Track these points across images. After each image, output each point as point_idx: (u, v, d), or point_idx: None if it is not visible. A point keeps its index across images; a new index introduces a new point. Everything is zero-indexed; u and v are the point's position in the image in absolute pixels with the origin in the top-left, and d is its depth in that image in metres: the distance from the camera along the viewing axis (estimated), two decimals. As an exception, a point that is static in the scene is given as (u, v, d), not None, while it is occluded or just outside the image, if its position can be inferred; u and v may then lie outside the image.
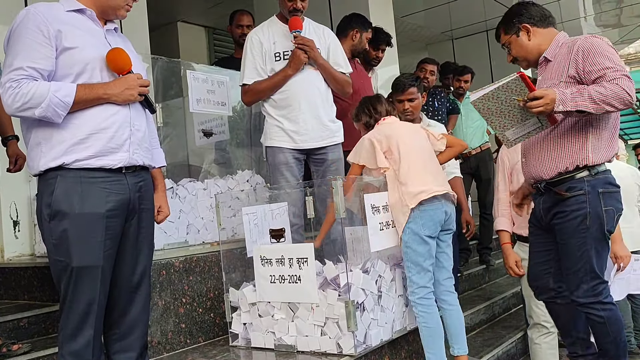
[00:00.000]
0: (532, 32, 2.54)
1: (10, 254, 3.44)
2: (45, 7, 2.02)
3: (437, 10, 7.71)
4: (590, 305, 2.48)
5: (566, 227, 2.47)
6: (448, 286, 2.78)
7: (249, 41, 3.22)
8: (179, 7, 6.89)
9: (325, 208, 3.06)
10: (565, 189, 2.45)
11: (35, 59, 1.93)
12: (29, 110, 1.92)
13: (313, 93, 3.13)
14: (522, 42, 2.56)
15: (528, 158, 2.60)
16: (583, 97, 2.24)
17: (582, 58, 2.35)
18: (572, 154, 2.43)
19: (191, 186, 3.40)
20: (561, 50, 2.48)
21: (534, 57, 2.57)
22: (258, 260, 2.69)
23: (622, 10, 8.75)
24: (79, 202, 1.97)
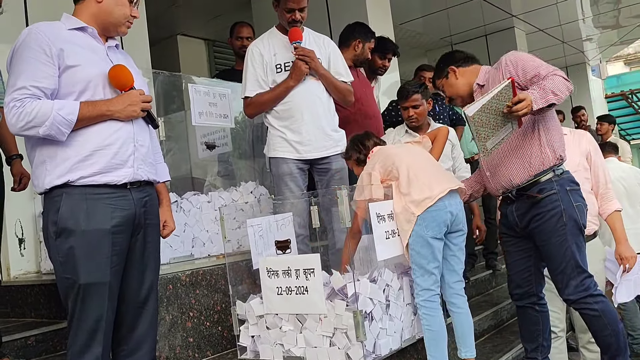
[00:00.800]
0: (458, 72, 2.82)
1: (16, 272, 3.44)
2: (47, 26, 2.03)
3: (435, 17, 7.75)
4: (583, 301, 2.59)
5: (545, 228, 2.61)
6: (458, 289, 2.76)
7: (250, 53, 3.23)
8: (179, 20, 6.94)
9: (330, 217, 3.06)
10: (537, 191, 2.61)
11: (38, 78, 1.94)
12: (33, 129, 1.92)
13: (315, 103, 3.14)
14: (451, 82, 2.84)
15: (494, 171, 2.74)
16: (546, 92, 2.42)
17: (513, 67, 2.61)
18: (536, 156, 2.60)
19: (195, 199, 3.40)
20: (490, 74, 2.75)
21: (466, 92, 2.82)
22: (264, 272, 2.68)
23: (620, 11, 8.78)
24: (85, 219, 1.97)
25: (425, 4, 7.33)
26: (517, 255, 2.80)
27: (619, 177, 3.70)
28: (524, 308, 2.85)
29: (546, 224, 2.60)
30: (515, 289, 2.85)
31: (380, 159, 2.75)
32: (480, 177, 2.93)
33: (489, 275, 5.14)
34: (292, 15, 3.12)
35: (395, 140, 3.63)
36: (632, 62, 20.98)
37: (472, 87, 2.80)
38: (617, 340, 2.59)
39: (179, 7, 6.48)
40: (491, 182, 2.78)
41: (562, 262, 2.60)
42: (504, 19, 8.18)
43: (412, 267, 2.64)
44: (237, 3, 6.45)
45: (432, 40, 8.87)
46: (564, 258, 2.59)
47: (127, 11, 2.16)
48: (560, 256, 2.60)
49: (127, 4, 2.15)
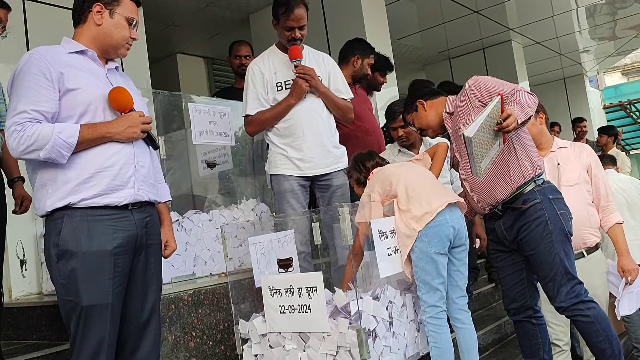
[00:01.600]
0: (426, 105, 2.90)
1: (17, 294, 3.43)
2: (47, 50, 2.05)
3: (433, 31, 7.80)
4: (574, 307, 2.61)
5: (532, 237, 2.65)
6: (461, 304, 2.74)
7: (250, 72, 3.24)
8: (178, 39, 6.98)
9: (332, 234, 3.06)
10: (522, 202, 2.66)
11: (38, 101, 1.95)
12: (33, 152, 1.93)
13: (316, 120, 3.15)
14: (421, 115, 2.92)
15: (477, 190, 2.77)
16: (523, 106, 2.48)
17: (477, 89, 2.70)
18: (515, 169, 2.66)
19: (196, 218, 3.40)
20: (457, 101, 2.82)
21: (435, 122, 2.90)
22: (267, 290, 2.67)
23: (616, 23, 8.85)
24: (87, 240, 1.97)
25: (423, 19, 7.39)
26: (509, 270, 2.83)
27: (618, 189, 3.70)
28: (521, 322, 2.86)
29: (532, 232, 2.64)
30: (511, 304, 2.86)
31: (379, 181, 2.77)
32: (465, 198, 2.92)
33: (491, 288, 5.12)
34: (292, 34, 3.14)
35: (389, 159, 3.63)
36: (629, 72, 21.04)
37: (442, 116, 2.88)
38: (610, 346, 2.60)
39: (177, 26, 6.53)
40: (476, 201, 2.81)
41: (551, 269, 2.63)
42: (501, 32, 8.23)
43: (417, 284, 2.63)
44: (235, 21, 6.50)
45: (430, 55, 8.93)
46: (553, 265, 2.62)
47: (127, 33, 2.17)
48: (549, 264, 2.63)
49: (127, 26, 2.17)
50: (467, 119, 2.69)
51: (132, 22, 2.19)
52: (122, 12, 2.15)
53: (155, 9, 5.79)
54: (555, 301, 2.65)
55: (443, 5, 6.85)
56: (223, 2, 6.05)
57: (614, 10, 8.26)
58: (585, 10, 8.03)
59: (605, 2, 7.81)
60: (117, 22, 2.14)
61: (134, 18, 2.19)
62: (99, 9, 2.12)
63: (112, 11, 2.14)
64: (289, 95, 3.10)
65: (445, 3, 6.79)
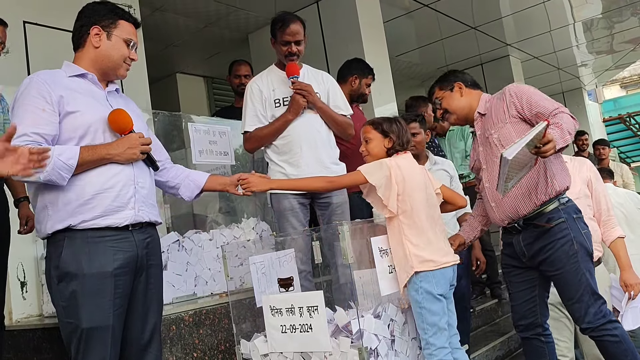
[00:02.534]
0: (464, 91, 2.82)
1: (18, 316, 3.41)
2: (48, 74, 2.07)
3: (431, 48, 7.85)
4: (603, 327, 2.53)
5: (558, 257, 2.57)
6: (455, 343, 2.66)
7: (249, 90, 3.26)
8: (177, 59, 7.03)
9: (332, 252, 3.04)
10: (545, 220, 2.58)
11: (39, 124, 1.97)
12: (34, 175, 1.94)
13: (314, 137, 3.15)
14: (454, 97, 2.83)
15: (499, 202, 2.70)
16: (564, 132, 2.40)
17: (518, 99, 2.61)
18: (541, 185, 2.58)
19: (197, 238, 3.40)
20: (492, 103, 2.75)
21: (464, 112, 2.83)
22: (268, 310, 2.66)
23: (613, 37, 8.90)
24: (87, 262, 1.98)
25: (421, 35, 7.44)
26: (522, 286, 2.77)
27: (616, 203, 3.70)
28: (530, 339, 2.81)
29: (558, 252, 2.57)
30: (520, 320, 2.81)
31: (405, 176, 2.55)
32: (483, 208, 2.90)
33: (494, 304, 5.09)
34: (289, 48, 3.15)
35: None
36: (628, 85, 21.12)
37: (472, 111, 2.80)
38: None
39: (177, 46, 6.58)
40: (496, 212, 2.74)
41: (578, 290, 2.55)
42: (499, 47, 8.28)
43: (423, 327, 2.53)
44: (234, 41, 6.55)
45: (428, 71, 8.97)
46: (580, 286, 2.55)
47: (125, 53, 2.20)
48: (576, 284, 2.56)
49: (125, 47, 2.19)
50: (501, 127, 2.65)
51: (130, 44, 2.21)
52: (120, 33, 2.18)
53: (155, 29, 5.84)
54: (583, 322, 2.57)
55: (441, 22, 6.90)
56: (222, 22, 6.10)
57: (611, 24, 8.31)
58: (582, 24, 8.09)
59: (602, 17, 7.87)
60: (114, 44, 2.17)
61: (132, 39, 2.21)
62: (96, 32, 2.15)
63: (109, 33, 2.16)
64: (287, 111, 3.12)
65: (443, 20, 6.84)
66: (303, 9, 5.83)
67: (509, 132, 2.63)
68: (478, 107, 2.80)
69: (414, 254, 2.51)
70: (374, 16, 5.83)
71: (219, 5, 5.68)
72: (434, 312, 2.52)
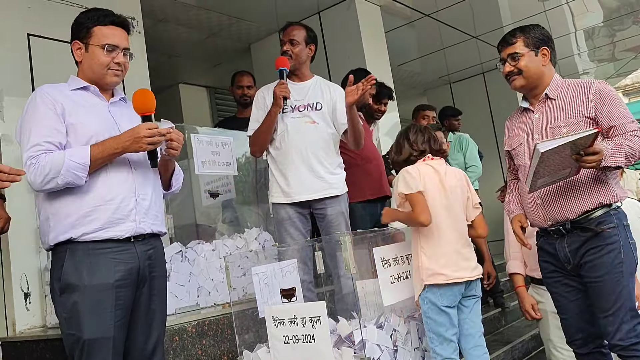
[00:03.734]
0: (547, 59, 2.53)
1: (21, 327, 3.41)
2: (51, 87, 2.11)
3: (432, 57, 7.87)
4: (633, 348, 2.32)
5: (602, 263, 2.35)
6: (475, 355, 2.61)
7: (255, 98, 3.37)
8: (180, 69, 7.06)
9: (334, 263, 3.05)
10: (596, 224, 2.37)
11: (50, 134, 2.01)
12: (52, 181, 1.96)
13: (306, 147, 3.15)
14: (536, 61, 2.51)
15: (546, 200, 2.47)
16: (620, 154, 2.24)
17: (600, 101, 2.38)
18: (599, 190, 2.38)
19: (200, 248, 3.40)
20: (565, 90, 2.48)
21: (534, 82, 2.53)
22: (270, 320, 2.66)
23: (615, 45, 8.91)
24: (88, 274, 1.99)
25: (422, 45, 7.46)
26: (571, 296, 2.50)
27: None
28: (591, 354, 2.52)
29: (604, 258, 2.34)
30: (576, 334, 2.53)
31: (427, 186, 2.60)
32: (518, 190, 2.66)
33: (498, 313, 5.07)
34: (283, 47, 3.26)
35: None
36: (630, 92, 21.14)
37: (543, 86, 2.52)
38: None
39: (179, 57, 6.61)
40: (539, 211, 2.49)
41: (615, 303, 2.33)
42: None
43: (429, 336, 2.55)
44: (237, 51, 6.58)
45: (430, 80, 8.99)
46: (619, 298, 2.32)
47: (104, 61, 2.15)
48: (614, 296, 2.33)
49: (102, 54, 2.14)
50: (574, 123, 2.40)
51: (111, 49, 2.15)
52: (96, 41, 2.15)
53: (158, 40, 5.87)
54: (613, 338, 2.35)
55: (442, 31, 6.92)
56: (224, 33, 6.13)
57: (613, 32, 8.32)
58: (583, 33, 8.10)
59: (603, 25, 7.88)
60: (91, 54, 2.15)
61: (109, 43, 2.15)
62: (77, 47, 2.17)
63: (87, 45, 2.16)
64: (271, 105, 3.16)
65: (445, 29, 6.87)
66: (305, 19, 5.86)
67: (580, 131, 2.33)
68: (549, 87, 2.51)
69: (425, 267, 2.53)
70: (376, 26, 5.87)
71: (221, 16, 5.71)
72: (439, 323, 2.52)
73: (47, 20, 3.63)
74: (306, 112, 3.20)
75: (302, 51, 3.26)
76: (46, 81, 2.33)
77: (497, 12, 6.80)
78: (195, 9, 5.50)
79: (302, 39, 3.25)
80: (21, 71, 3.49)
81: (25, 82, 3.48)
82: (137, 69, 3.91)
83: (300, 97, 3.22)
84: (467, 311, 2.61)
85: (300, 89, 3.25)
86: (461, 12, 6.43)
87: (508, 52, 2.57)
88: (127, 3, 4.07)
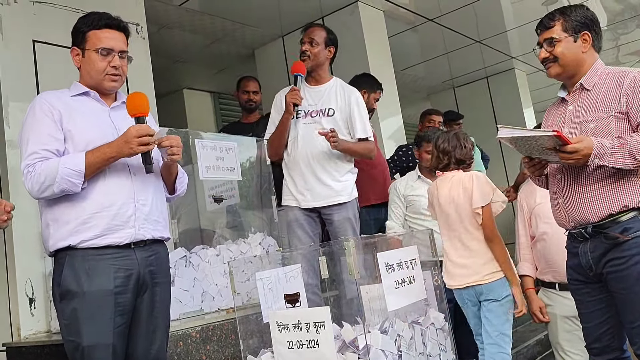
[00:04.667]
0: (587, 47, 2.31)
1: (26, 332, 3.42)
2: (50, 94, 2.13)
3: (436, 61, 7.86)
4: None
5: (628, 275, 2.18)
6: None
7: (274, 101, 3.41)
8: (184, 74, 7.07)
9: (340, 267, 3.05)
10: (620, 230, 2.18)
11: (47, 142, 2.01)
12: (48, 188, 1.96)
13: (314, 155, 3.18)
14: (575, 49, 2.29)
15: (568, 199, 2.30)
16: (623, 153, 2.09)
17: (633, 94, 2.17)
18: (625, 192, 2.18)
19: (204, 253, 3.40)
20: (602, 80, 2.28)
21: (572, 70, 2.33)
22: (274, 326, 2.65)
23: (619, 48, 8.89)
24: (87, 280, 1.99)
25: (426, 49, 7.45)
26: (593, 306, 2.37)
27: None
28: None
29: (630, 269, 2.17)
30: (594, 343, 2.42)
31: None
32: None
33: (502, 318, 5.05)
34: (302, 47, 3.28)
35: (407, 185, 3.61)
36: (634, 96, 21.06)
37: (580, 74, 2.32)
38: None
39: (184, 62, 6.63)
40: (562, 211, 2.34)
41: None
42: (504, 60, 8.29)
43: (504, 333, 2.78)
44: (241, 56, 6.59)
45: (434, 84, 8.98)
46: None
47: (101, 67, 2.14)
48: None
49: (98, 59, 2.13)
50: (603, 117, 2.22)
51: (106, 53, 2.13)
52: (90, 46, 2.14)
53: (162, 46, 5.89)
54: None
55: (446, 36, 6.92)
56: (228, 38, 6.15)
57: (616, 36, 8.31)
58: (587, 37, 8.08)
59: (607, 29, 7.86)
60: (87, 59, 2.15)
61: (104, 47, 2.13)
62: (76, 53, 2.18)
63: (83, 50, 2.15)
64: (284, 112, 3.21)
65: (448, 34, 6.86)
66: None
67: (608, 128, 2.20)
68: (585, 77, 2.30)
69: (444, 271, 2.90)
70: (379, 31, 5.87)
71: (225, 21, 5.73)
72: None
73: (52, 26, 3.65)
74: (317, 119, 3.21)
75: (320, 52, 3.26)
76: (51, 87, 2.35)
77: (500, 17, 6.79)
78: (199, 15, 5.52)
79: (322, 40, 3.26)
80: (26, 77, 3.51)
81: (30, 88, 3.49)
82: (141, 75, 3.92)
83: (314, 102, 3.23)
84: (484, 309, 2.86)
85: (316, 92, 3.26)
86: (464, 17, 6.43)
87: (545, 36, 2.37)
88: (132, 9, 4.09)
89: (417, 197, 3.48)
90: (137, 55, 2.33)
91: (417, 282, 2.76)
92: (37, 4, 3.64)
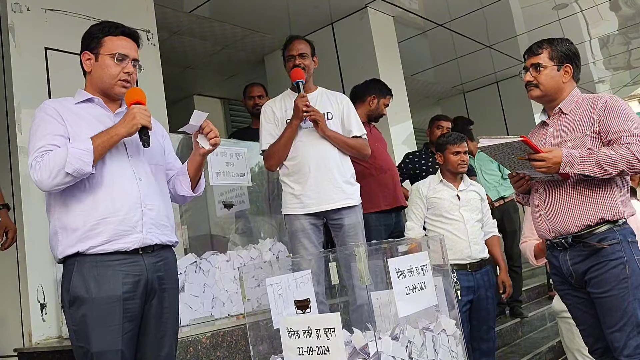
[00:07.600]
0: (567, 78, 2.53)
1: (37, 338, 3.43)
2: (54, 102, 2.17)
3: (446, 67, 7.86)
4: None
5: (606, 279, 2.34)
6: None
7: (263, 112, 3.35)
8: (194, 81, 7.12)
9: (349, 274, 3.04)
10: (597, 240, 2.35)
11: (52, 138, 2.02)
12: (59, 173, 1.94)
13: (324, 156, 3.16)
14: (557, 78, 2.52)
15: (550, 211, 2.47)
16: (591, 162, 2.27)
17: (604, 115, 2.36)
18: (602, 206, 2.36)
19: (214, 259, 3.41)
20: (578, 106, 2.49)
21: (551, 96, 2.54)
22: (285, 332, 2.64)
23: (630, 52, 8.84)
24: (96, 286, 1.98)
25: (435, 55, 7.45)
26: (583, 308, 2.49)
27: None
28: None
29: (608, 274, 2.33)
30: (596, 344, 2.51)
31: None
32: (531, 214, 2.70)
33: (515, 324, 5.02)
34: (293, 61, 3.26)
35: (430, 187, 3.58)
36: (646, 100, 20.91)
37: (559, 100, 2.53)
38: None
39: (194, 68, 6.67)
40: (544, 222, 2.50)
41: (622, 318, 2.31)
42: (514, 65, 8.26)
43: None
44: (250, 63, 6.62)
45: (444, 90, 8.98)
46: (625, 314, 2.30)
47: (114, 72, 2.15)
48: (620, 311, 2.31)
49: (113, 64, 2.15)
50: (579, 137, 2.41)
51: (121, 58, 2.16)
52: (106, 51, 2.15)
53: (173, 52, 5.93)
54: (621, 354, 2.33)
55: (456, 41, 6.91)
56: (238, 45, 6.18)
57: (628, 40, 8.26)
58: (598, 41, 8.04)
59: (619, 33, 7.83)
60: (101, 63, 2.16)
61: (120, 52, 2.16)
62: (87, 57, 2.18)
63: (97, 55, 2.16)
64: (292, 118, 3.16)
65: (458, 39, 6.86)
66: (318, 30, 5.89)
67: (584, 145, 2.39)
68: (563, 102, 2.52)
69: None
70: (389, 36, 5.87)
71: (234, 28, 5.76)
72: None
73: (64, 33, 3.68)
74: None
75: (311, 64, 3.30)
76: (63, 94, 2.36)
77: (510, 21, 6.78)
78: (209, 22, 5.55)
79: (309, 52, 3.30)
80: (38, 84, 3.54)
81: (42, 95, 3.52)
82: (152, 81, 3.94)
83: None
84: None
85: (309, 100, 3.26)
86: (474, 22, 6.43)
87: (532, 61, 2.56)
88: (143, 16, 4.12)
89: (439, 199, 3.45)
90: (148, 63, 2.35)
91: (428, 289, 2.74)
92: (49, 12, 3.68)
